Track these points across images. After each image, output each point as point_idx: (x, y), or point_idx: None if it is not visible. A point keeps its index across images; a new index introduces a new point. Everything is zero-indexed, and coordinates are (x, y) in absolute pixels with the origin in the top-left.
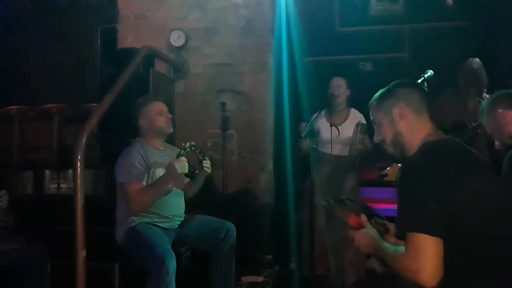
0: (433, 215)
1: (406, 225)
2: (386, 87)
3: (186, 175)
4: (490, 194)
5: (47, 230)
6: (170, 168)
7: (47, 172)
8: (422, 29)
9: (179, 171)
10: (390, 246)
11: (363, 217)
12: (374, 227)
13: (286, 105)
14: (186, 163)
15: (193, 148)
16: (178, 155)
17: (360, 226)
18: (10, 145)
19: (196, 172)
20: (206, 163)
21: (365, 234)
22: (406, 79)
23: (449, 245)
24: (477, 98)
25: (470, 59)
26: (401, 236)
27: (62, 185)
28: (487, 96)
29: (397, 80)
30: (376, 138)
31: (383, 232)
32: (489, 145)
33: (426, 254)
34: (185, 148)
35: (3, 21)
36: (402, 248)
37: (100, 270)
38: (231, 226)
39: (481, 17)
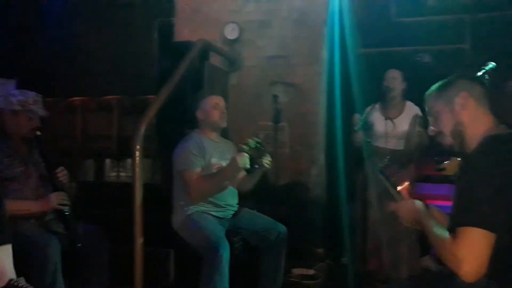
0: (490, 211)
1: (461, 219)
2: (447, 78)
3: (246, 170)
4: None
5: (107, 216)
6: (232, 162)
7: (107, 160)
8: (483, 19)
9: (240, 165)
10: (437, 225)
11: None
12: None
13: (339, 97)
14: (248, 158)
15: (255, 143)
16: (241, 150)
17: (409, 197)
18: (73, 134)
19: (256, 166)
20: (267, 160)
21: (412, 204)
22: (467, 72)
23: (502, 246)
24: None
25: None
26: (453, 229)
27: (121, 173)
28: None
29: (459, 72)
30: (431, 130)
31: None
32: None
33: (474, 246)
34: (248, 144)
35: (65, 16)
36: (447, 233)
37: (156, 255)
38: (283, 229)
39: None
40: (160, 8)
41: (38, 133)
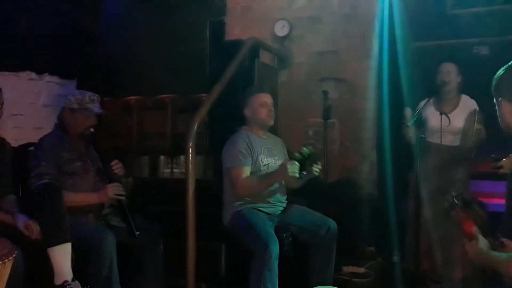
0: None
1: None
2: None
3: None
4: None
5: (161, 211)
6: (282, 169)
7: (162, 157)
8: None
9: (290, 173)
10: (501, 254)
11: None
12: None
13: (391, 92)
14: (298, 167)
15: (308, 152)
16: (294, 158)
17: (472, 236)
18: (129, 132)
19: (304, 173)
20: (316, 167)
21: (475, 247)
22: None
23: None
24: None
25: None
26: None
27: (175, 170)
28: None
29: None
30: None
31: (498, 247)
32: None
33: None
34: (302, 153)
35: (121, 18)
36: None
37: (208, 250)
38: (333, 224)
39: None
40: (212, 7)
41: (92, 130)
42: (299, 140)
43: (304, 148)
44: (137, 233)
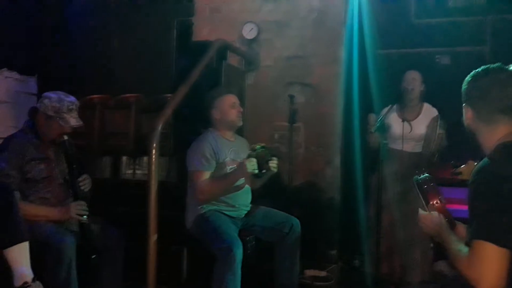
0: (501, 224)
1: (473, 231)
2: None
3: (254, 175)
4: None
5: (123, 213)
6: (241, 167)
7: (124, 158)
8: (505, 21)
9: (249, 170)
10: (457, 241)
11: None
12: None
13: (356, 98)
14: (256, 164)
15: (262, 148)
16: (249, 156)
17: (433, 206)
18: (91, 132)
19: (263, 171)
20: (273, 163)
21: (435, 218)
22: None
23: None
24: None
25: None
26: (469, 242)
27: (137, 171)
28: None
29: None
30: None
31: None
32: None
33: (490, 264)
34: (255, 149)
35: (86, 15)
36: (467, 249)
37: (169, 253)
38: (296, 222)
39: None
40: (180, 7)
41: (66, 137)
42: (265, 143)
43: (256, 145)
44: (93, 256)
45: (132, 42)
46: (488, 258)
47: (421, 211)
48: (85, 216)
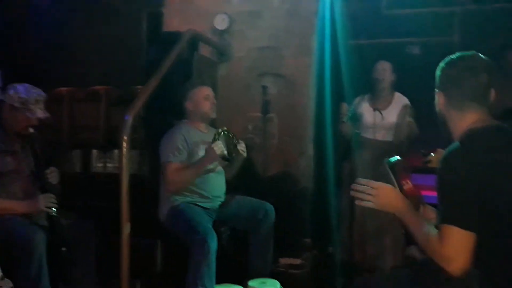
0: (468, 209)
1: (441, 216)
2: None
3: (224, 158)
4: None
5: (94, 207)
6: (209, 151)
7: (94, 151)
8: (473, 12)
9: (218, 152)
10: (424, 222)
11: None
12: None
13: (328, 89)
14: (223, 145)
15: (225, 132)
16: (214, 140)
17: (410, 190)
18: (60, 125)
19: (233, 155)
20: (241, 146)
21: (395, 191)
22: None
23: (486, 238)
24: None
25: None
26: (438, 225)
27: (108, 164)
28: None
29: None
30: None
31: (416, 203)
32: None
33: (458, 246)
34: (219, 133)
35: (52, 5)
36: (435, 230)
37: (143, 246)
38: (270, 207)
39: None
40: None
41: (32, 130)
42: (238, 134)
43: (218, 129)
44: (63, 249)
45: (101, 33)
46: (456, 242)
47: (375, 183)
48: (54, 209)
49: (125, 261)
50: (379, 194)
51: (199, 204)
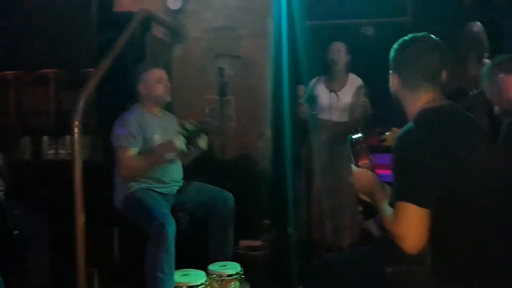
0: (422, 186)
1: (396, 193)
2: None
3: (182, 152)
4: (486, 164)
5: (46, 195)
6: (169, 144)
7: (45, 138)
8: None
9: (177, 147)
10: (386, 201)
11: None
12: None
13: (286, 70)
14: (184, 141)
15: (190, 126)
16: (177, 133)
17: (369, 169)
18: (7, 110)
19: (193, 149)
20: (203, 141)
21: (368, 174)
22: None
23: (441, 215)
24: (478, 64)
25: (471, 23)
26: (392, 203)
27: (60, 151)
28: (488, 61)
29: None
30: None
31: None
32: (488, 110)
33: (412, 223)
34: (183, 126)
35: None
36: (391, 209)
37: (99, 234)
38: (229, 196)
39: None
40: None
41: None
42: (196, 117)
43: (186, 123)
44: (15, 232)
45: (49, 14)
46: (410, 218)
47: (354, 167)
48: (1, 193)
49: (81, 251)
50: (356, 180)
51: (156, 189)
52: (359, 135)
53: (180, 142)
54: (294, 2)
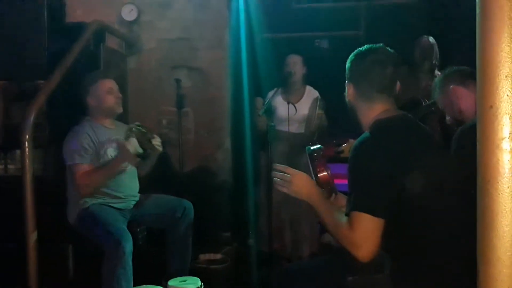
0: (377, 196)
1: (351, 203)
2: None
3: (138, 155)
4: (439, 173)
5: None
6: (123, 151)
7: None
8: (376, 7)
9: (132, 151)
10: (335, 210)
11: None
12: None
13: (244, 82)
14: (137, 142)
15: (139, 127)
16: (127, 137)
17: (325, 179)
18: None
19: (148, 151)
20: (156, 141)
21: (305, 178)
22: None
23: (395, 223)
24: (430, 75)
25: (424, 36)
26: (348, 213)
27: (9, 166)
28: (439, 73)
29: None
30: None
31: (329, 191)
32: (440, 120)
33: (367, 233)
34: (131, 129)
35: None
36: (344, 218)
37: (53, 252)
38: (188, 204)
39: None
40: None
41: None
42: (152, 129)
43: (135, 126)
44: None
45: None
46: (365, 228)
47: (291, 170)
48: None
49: (33, 269)
50: (293, 181)
51: (111, 205)
52: (318, 146)
53: (133, 145)
54: (252, 14)
